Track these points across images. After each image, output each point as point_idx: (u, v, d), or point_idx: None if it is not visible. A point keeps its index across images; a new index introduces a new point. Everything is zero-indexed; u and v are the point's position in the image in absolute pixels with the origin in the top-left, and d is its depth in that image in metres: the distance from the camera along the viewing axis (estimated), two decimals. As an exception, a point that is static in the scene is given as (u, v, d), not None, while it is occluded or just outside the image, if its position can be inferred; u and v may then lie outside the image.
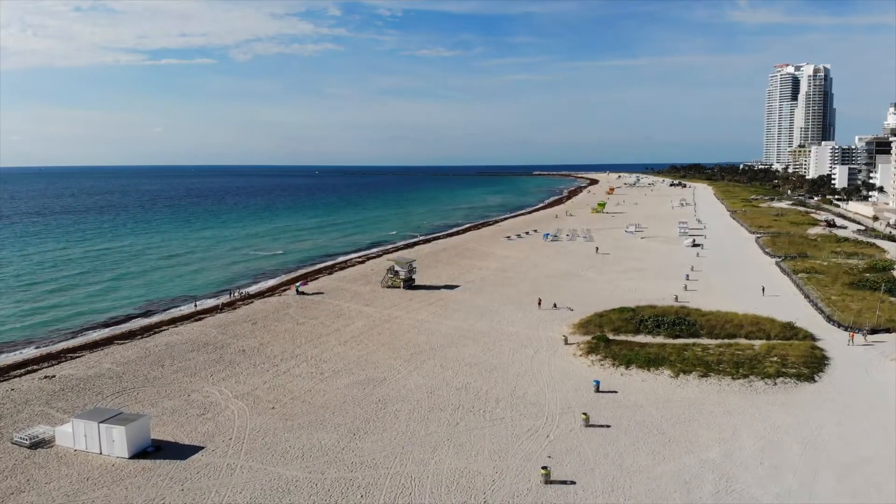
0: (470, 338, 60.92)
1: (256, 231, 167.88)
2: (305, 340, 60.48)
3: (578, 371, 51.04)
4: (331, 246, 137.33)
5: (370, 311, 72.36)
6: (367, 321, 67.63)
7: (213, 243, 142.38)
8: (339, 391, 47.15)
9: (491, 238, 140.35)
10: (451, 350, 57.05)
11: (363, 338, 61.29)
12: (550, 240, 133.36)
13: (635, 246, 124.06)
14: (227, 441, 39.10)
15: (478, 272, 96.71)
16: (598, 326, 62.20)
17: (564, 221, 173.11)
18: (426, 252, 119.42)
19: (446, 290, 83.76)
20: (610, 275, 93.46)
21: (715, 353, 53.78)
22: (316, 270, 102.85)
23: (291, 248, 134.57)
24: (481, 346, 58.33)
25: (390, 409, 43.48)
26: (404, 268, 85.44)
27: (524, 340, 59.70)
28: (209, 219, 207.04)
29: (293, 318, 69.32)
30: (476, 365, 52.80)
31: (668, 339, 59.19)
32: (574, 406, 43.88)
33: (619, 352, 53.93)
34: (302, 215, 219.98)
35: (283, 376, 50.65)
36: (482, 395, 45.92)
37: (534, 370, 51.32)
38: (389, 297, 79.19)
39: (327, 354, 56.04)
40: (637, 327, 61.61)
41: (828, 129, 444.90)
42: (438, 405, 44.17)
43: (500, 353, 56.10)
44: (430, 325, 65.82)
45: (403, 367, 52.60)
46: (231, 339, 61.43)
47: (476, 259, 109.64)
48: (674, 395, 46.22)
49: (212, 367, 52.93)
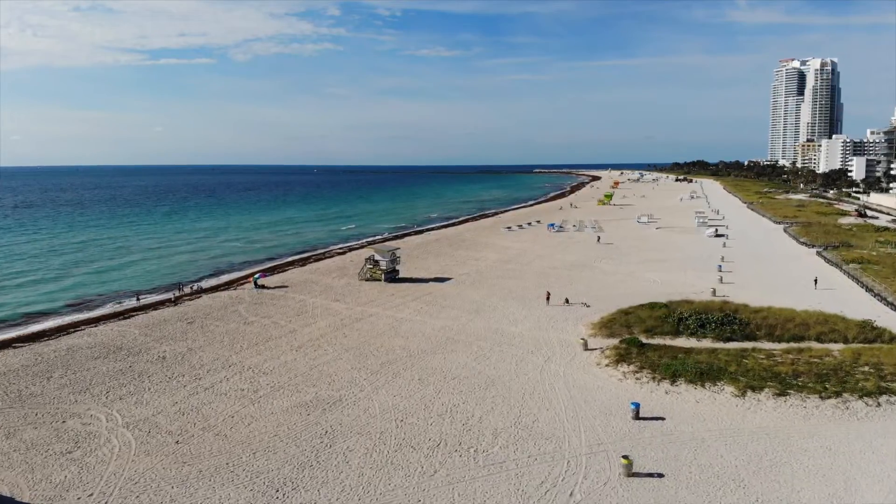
0: (461, 341, 47.44)
1: (240, 224, 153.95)
2: (248, 345, 46.96)
3: (607, 387, 37.52)
4: (316, 238, 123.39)
5: (339, 307, 58.85)
6: (334, 320, 54.12)
7: (190, 235, 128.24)
8: (274, 417, 33.62)
9: (490, 229, 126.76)
10: (436, 357, 43.53)
11: (324, 342, 47.75)
12: (556, 230, 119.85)
13: (651, 236, 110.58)
14: (84, 500, 25.61)
15: (474, 263, 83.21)
16: (625, 326, 48.72)
17: (570, 213, 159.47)
18: (416, 243, 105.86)
19: (436, 283, 70.26)
20: (628, 266, 79.99)
21: (786, 362, 40.33)
22: (288, 262, 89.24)
23: (271, 239, 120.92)
24: (475, 352, 44.81)
25: (339, 448, 29.92)
26: (386, 257, 71.89)
27: (531, 344, 46.21)
28: (193, 211, 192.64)
29: (242, 316, 55.80)
30: (467, 379, 39.27)
31: (717, 342, 45.79)
32: (606, 441, 30.43)
33: (658, 360, 40.41)
34: (291, 208, 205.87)
35: (204, 394, 37.13)
36: (473, 425, 32.42)
37: (546, 386, 37.81)
38: (367, 292, 65.71)
39: (272, 364, 42.50)
40: (675, 327, 48.11)
41: (835, 124, 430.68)
42: (410, 441, 30.65)
43: (500, 361, 42.61)
44: (411, 325, 52.33)
45: (369, 381, 39.06)
46: (154, 342, 47.89)
47: (472, 250, 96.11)
48: (744, 422, 32.79)
49: (112, 381, 39.40)
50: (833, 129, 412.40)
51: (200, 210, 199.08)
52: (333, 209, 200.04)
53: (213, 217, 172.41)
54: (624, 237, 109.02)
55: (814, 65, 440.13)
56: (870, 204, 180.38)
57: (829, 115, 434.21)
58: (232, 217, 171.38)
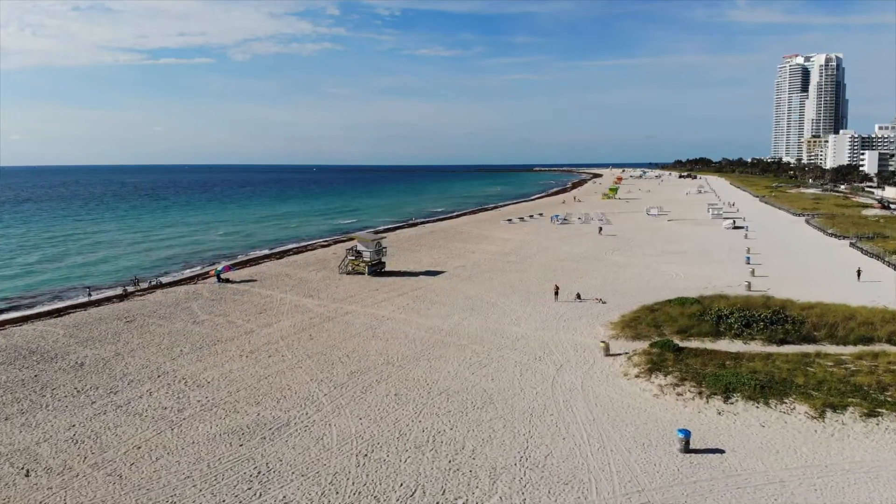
0: (452, 344, 38.74)
1: (232, 218, 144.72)
2: (191, 349, 38.23)
3: (640, 406, 28.79)
4: (315, 231, 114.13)
5: (311, 304, 50.16)
6: (301, 319, 45.41)
7: (176, 230, 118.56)
8: (193, 449, 24.88)
9: (488, 222, 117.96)
10: (419, 365, 34.82)
11: (283, 345, 39.04)
12: (560, 223, 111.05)
13: (664, 228, 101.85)
14: None
15: (470, 256, 74.53)
16: (652, 326, 40.04)
17: (573, 206, 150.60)
18: (408, 235, 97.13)
19: (427, 276, 61.62)
20: (643, 258, 71.30)
21: (863, 371, 31.68)
22: (265, 255, 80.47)
23: (260, 232, 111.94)
24: (468, 358, 36.09)
25: (270, 500, 21.17)
26: (370, 248, 63.13)
27: (538, 349, 37.50)
28: (185, 206, 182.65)
29: (193, 314, 47.07)
30: (457, 395, 30.53)
31: (767, 345, 37.13)
32: (649, 487, 21.73)
33: (702, 369, 31.71)
34: (290, 204, 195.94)
35: (114, 414, 28.40)
36: (463, 462, 23.68)
37: (560, 405, 29.09)
38: (347, 287, 57.03)
39: (212, 373, 33.78)
40: (715, 327, 39.42)
41: (840, 120, 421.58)
42: (373, 488, 21.90)
43: (500, 370, 33.91)
44: (393, 325, 43.64)
45: (330, 398, 30.33)
46: (77, 344, 39.14)
47: (469, 242, 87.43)
48: (830, 455, 24.12)
49: (6, 395, 30.67)
50: (838, 125, 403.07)
51: (193, 205, 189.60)
52: (335, 204, 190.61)
53: (205, 212, 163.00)
54: (635, 229, 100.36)
55: (818, 60, 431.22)
56: (886, 198, 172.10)
57: (834, 112, 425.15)
58: (226, 212, 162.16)
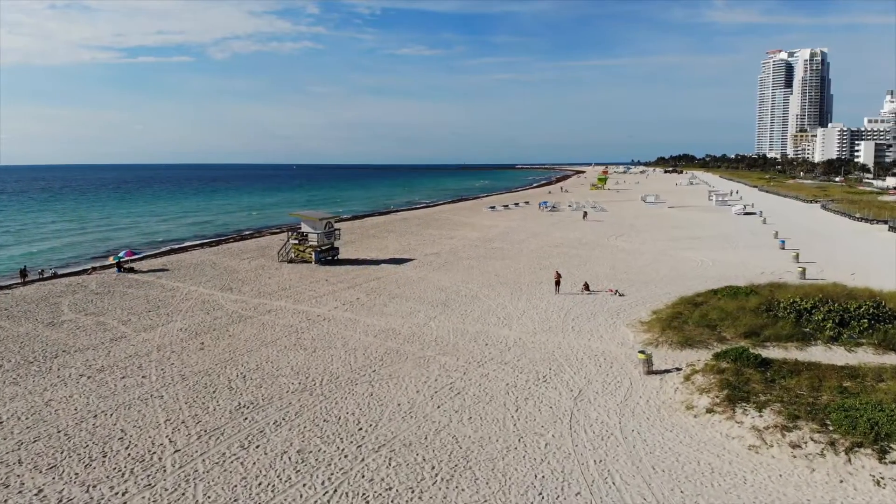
0: (411, 355, 25.98)
1: (193, 208, 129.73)
2: (14, 364, 25.00)
3: (733, 471, 16.16)
4: (269, 221, 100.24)
5: (226, 299, 37.10)
6: (203, 319, 32.38)
7: (119, 220, 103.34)
8: None
9: (470, 209, 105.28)
10: (354, 392, 21.98)
11: (155, 359, 25.97)
12: (549, 210, 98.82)
13: (667, 215, 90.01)
14: None
15: (447, 242, 61.88)
16: (704, 326, 27.59)
17: (561, 196, 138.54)
18: (375, 223, 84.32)
19: (390, 265, 48.84)
20: (655, 244, 59.16)
21: None
22: (198, 244, 66.97)
23: (214, 221, 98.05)
24: (433, 378, 23.32)
25: None
26: (318, 229, 49.99)
27: (540, 362, 24.85)
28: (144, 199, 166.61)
29: (56, 313, 33.76)
30: (407, 450, 17.67)
31: (883, 352, 24.92)
32: None
33: (814, 397, 19.21)
34: (261, 195, 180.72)
35: None
36: None
37: (590, 472, 16.38)
38: (283, 277, 44.04)
39: (17, 406, 20.66)
40: (796, 328, 27.06)
41: (825, 115, 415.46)
42: None
43: (482, 400, 21.16)
44: (329, 328, 30.76)
45: (182, 457, 17.39)
46: None
47: (447, 229, 74.78)
48: None
49: None
50: (823, 120, 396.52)
51: (155, 197, 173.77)
52: (307, 196, 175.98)
53: (165, 202, 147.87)
54: (635, 216, 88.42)
55: (802, 55, 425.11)
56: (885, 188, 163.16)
57: (818, 107, 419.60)
58: (187, 202, 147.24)
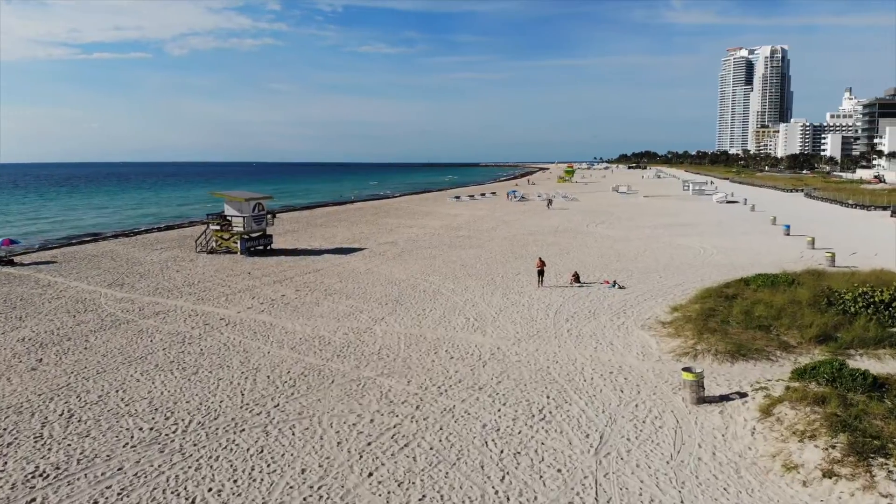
0: (339, 376, 17.65)
1: (132, 200, 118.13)
2: None
3: None
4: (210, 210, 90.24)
5: (109, 297, 28.13)
6: (61, 324, 23.44)
7: (46, 213, 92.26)
8: None
9: (433, 200, 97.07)
10: (235, 442, 13.58)
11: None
12: (518, 199, 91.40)
13: (644, 204, 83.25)
14: None
15: (405, 231, 53.57)
16: (756, 329, 19.87)
17: (529, 188, 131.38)
18: (326, 212, 75.57)
19: (335, 255, 40.30)
20: (641, 231, 51.86)
21: None
22: (114, 234, 57.24)
23: (154, 213, 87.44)
24: (367, 415, 15.02)
25: None
26: (245, 212, 41.03)
27: (531, 386, 16.76)
28: (84, 192, 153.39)
29: None
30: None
31: None
32: None
33: None
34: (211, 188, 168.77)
35: None
36: None
37: None
38: (195, 271, 35.12)
39: None
40: (881, 329, 19.54)
41: (785, 112, 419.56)
42: None
43: (443, 458, 13.00)
44: (230, 337, 22.20)
45: None
46: None
47: (406, 218, 66.46)
48: None
49: None
50: (784, 116, 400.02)
51: (99, 191, 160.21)
52: (269, 189, 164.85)
53: (107, 196, 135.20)
54: (610, 204, 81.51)
55: (763, 52, 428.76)
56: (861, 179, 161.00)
57: (779, 104, 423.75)
58: (137, 195, 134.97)
